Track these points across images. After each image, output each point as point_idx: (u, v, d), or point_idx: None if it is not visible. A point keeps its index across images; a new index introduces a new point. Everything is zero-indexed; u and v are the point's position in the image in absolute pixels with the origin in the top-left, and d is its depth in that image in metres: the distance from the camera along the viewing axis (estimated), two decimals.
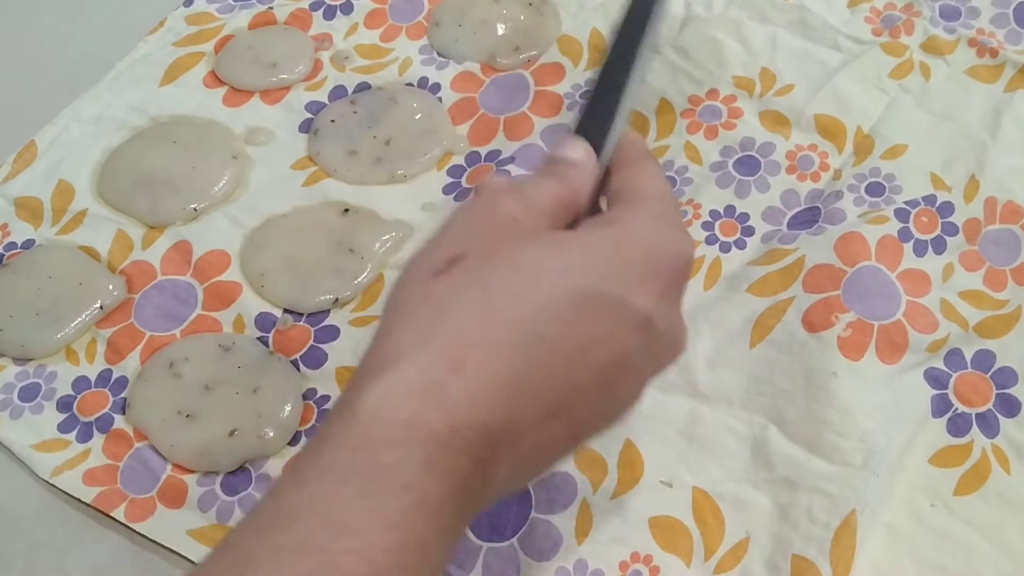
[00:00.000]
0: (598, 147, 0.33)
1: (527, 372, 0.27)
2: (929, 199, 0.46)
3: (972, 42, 0.52)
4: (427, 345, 0.26)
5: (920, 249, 0.45)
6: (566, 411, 0.28)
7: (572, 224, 0.32)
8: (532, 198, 0.30)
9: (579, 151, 0.32)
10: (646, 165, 0.33)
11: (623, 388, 0.30)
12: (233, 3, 0.60)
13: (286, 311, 0.47)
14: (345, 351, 0.45)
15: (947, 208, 0.46)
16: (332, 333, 0.46)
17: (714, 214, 0.47)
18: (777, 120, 0.50)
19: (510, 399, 0.26)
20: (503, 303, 0.27)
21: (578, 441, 0.30)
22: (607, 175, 0.33)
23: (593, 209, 0.33)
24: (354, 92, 0.55)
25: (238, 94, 0.55)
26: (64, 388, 0.45)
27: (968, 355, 0.42)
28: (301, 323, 0.46)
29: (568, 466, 0.41)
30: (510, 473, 0.28)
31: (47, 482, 0.42)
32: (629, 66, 0.36)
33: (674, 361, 0.31)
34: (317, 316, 0.46)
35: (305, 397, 0.44)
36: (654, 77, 0.52)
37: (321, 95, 0.55)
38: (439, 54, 0.56)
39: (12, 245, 0.50)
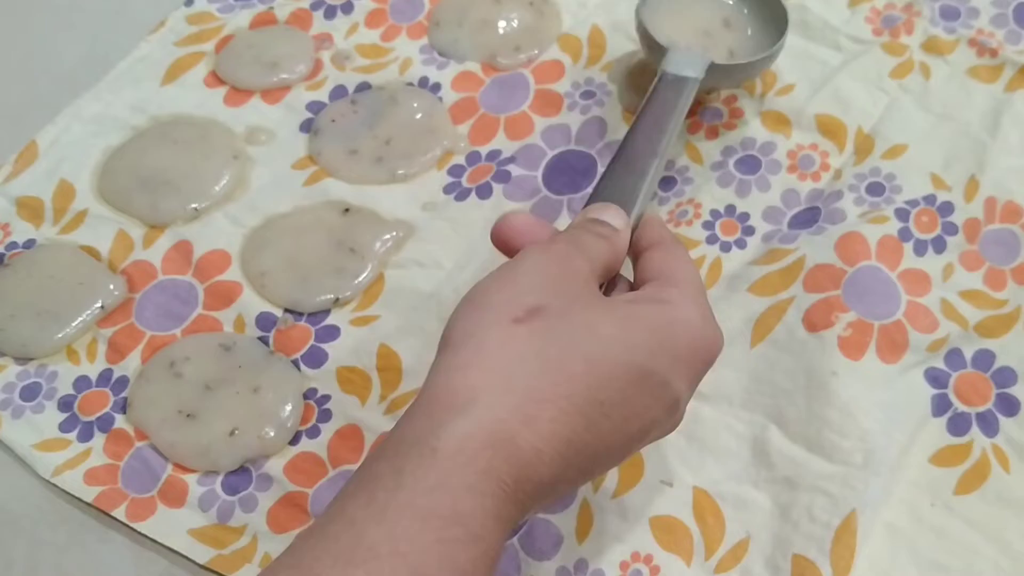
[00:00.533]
0: (627, 212, 0.36)
1: (583, 435, 0.29)
2: (929, 199, 0.46)
3: (972, 42, 0.52)
4: (506, 393, 0.28)
5: (920, 249, 0.45)
6: (591, 467, 0.30)
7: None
8: (594, 258, 0.33)
9: (619, 219, 0.35)
10: (679, 250, 0.35)
11: (632, 451, 0.32)
12: (234, 3, 0.60)
13: (287, 311, 0.47)
14: (346, 351, 0.45)
15: (947, 208, 0.46)
16: (333, 333, 0.46)
17: (715, 213, 0.47)
18: (778, 120, 0.50)
19: (563, 459, 0.28)
20: (579, 367, 0.29)
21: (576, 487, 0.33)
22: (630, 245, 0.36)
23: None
24: (354, 92, 0.55)
25: (239, 94, 0.55)
26: (65, 388, 0.45)
27: (968, 355, 0.42)
28: (302, 323, 0.46)
29: None
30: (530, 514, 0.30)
31: (48, 482, 0.43)
32: (660, 143, 0.40)
33: (669, 433, 0.34)
34: (318, 316, 0.46)
35: (306, 397, 0.44)
36: None
37: (322, 95, 0.55)
38: (439, 54, 0.56)
39: (13, 245, 0.50)
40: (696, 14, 0.51)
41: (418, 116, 0.53)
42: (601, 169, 0.50)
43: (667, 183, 0.49)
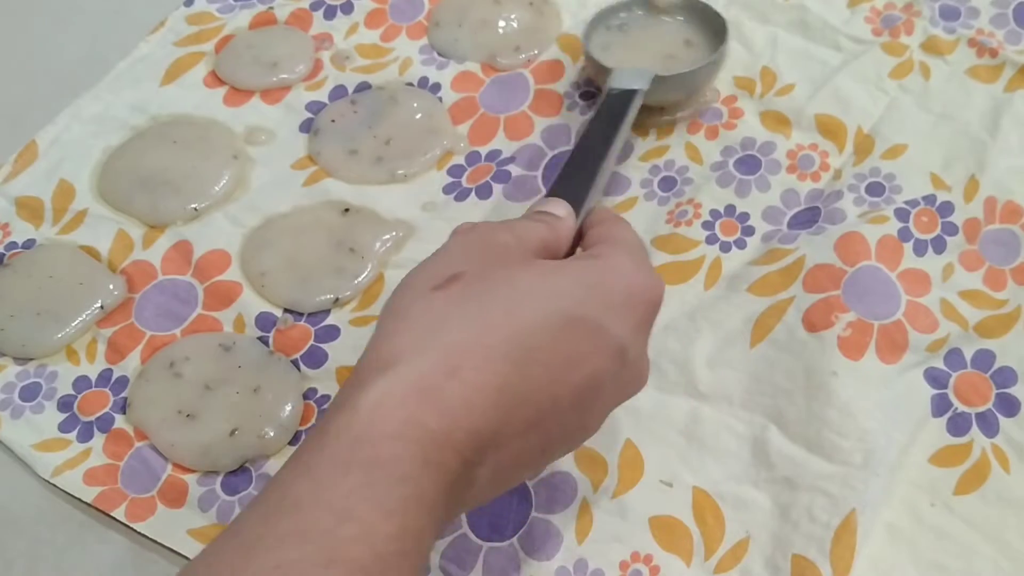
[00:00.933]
0: (576, 210, 0.37)
1: (516, 384, 0.28)
2: (929, 199, 0.46)
3: (972, 42, 0.52)
4: (426, 350, 0.28)
5: (920, 249, 0.45)
6: (543, 425, 0.30)
7: None
8: (524, 234, 0.34)
9: (561, 208, 0.36)
10: (620, 222, 0.36)
11: (593, 412, 0.32)
12: (233, 3, 0.60)
13: (286, 311, 0.47)
14: (345, 351, 0.45)
15: (947, 208, 0.46)
16: (332, 333, 0.46)
17: (714, 213, 0.47)
18: (778, 120, 0.50)
19: (499, 408, 0.28)
20: (499, 317, 0.29)
21: (546, 459, 0.32)
22: (580, 237, 0.37)
23: None
24: (354, 92, 0.55)
25: (238, 94, 0.55)
26: (65, 388, 0.45)
27: (968, 355, 0.42)
28: (301, 323, 0.46)
29: (568, 466, 0.41)
30: (490, 479, 0.29)
31: (48, 482, 0.43)
32: (608, 147, 0.42)
33: (637, 391, 0.34)
34: (317, 316, 0.46)
35: (305, 397, 0.44)
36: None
37: (321, 95, 0.55)
38: (439, 54, 0.56)
39: (13, 245, 0.50)
40: (655, 41, 0.53)
41: (418, 116, 0.53)
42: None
43: (667, 183, 0.49)
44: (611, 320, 0.31)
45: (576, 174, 0.40)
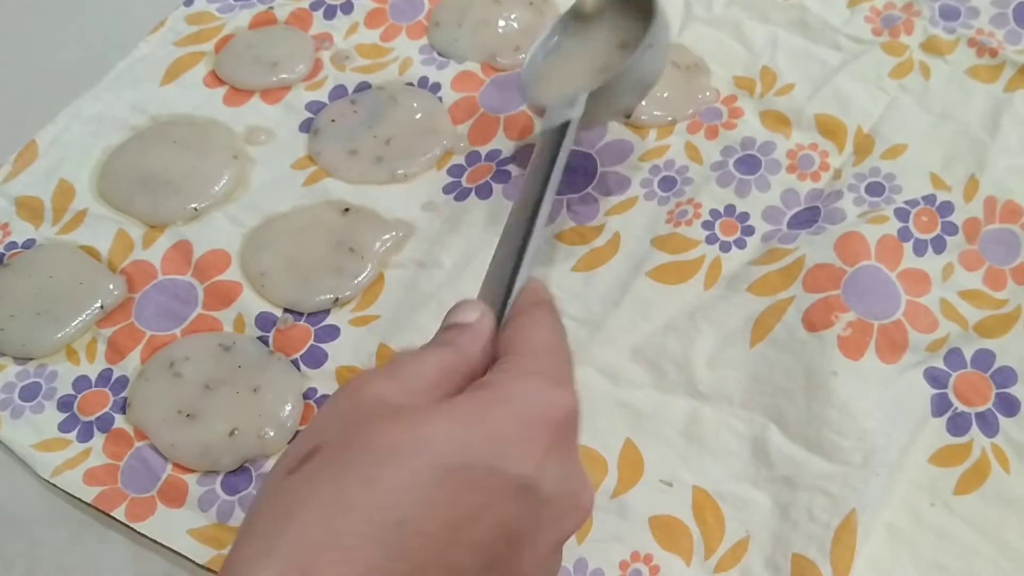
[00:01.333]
0: (502, 303, 0.32)
1: (388, 567, 0.24)
2: (929, 199, 0.46)
3: (972, 42, 0.52)
4: (271, 555, 0.24)
5: (920, 249, 0.45)
6: None
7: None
8: (408, 376, 0.28)
9: (471, 312, 0.31)
10: (537, 314, 0.31)
11: (522, 561, 0.27)
12: (233, 3, 0.60)
13: (286, 311, 0.47)
14: (345, 351, 0.45)
15: (947, 208, 0.46)
16: (332, 333, 0.46)
17: (714, 213, 0.47)
18: (778, 119, 0.50)
19: None
20: (356, 494, 0.25)
21: None
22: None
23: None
24: (354, 91, 0.55)
25: (238, 93, 0.55)
26: (64, 387, 0.45)
27: (968, 354, 0.42)
28: (301, 323, 0.46)
29: None
30: None
31: (48, 482, 0.42)
32: (535, 208, 0.36)
33: (581, 521, 0.30)
34: (317, 316, 0.46)
35: (305, 396, 0.44)
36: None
37: (321, 95, 0.55)
38: (439, 54, 0.56)
39: (13, 245, 0.50)
40: (588, 54, 0.47)
41: (418, 116, 0.53)
42: (601, 170, 0.50)
43: (667, 183, 0.49)
44: (505, 458, 0.26)
45: (505, 245, 0.35)
